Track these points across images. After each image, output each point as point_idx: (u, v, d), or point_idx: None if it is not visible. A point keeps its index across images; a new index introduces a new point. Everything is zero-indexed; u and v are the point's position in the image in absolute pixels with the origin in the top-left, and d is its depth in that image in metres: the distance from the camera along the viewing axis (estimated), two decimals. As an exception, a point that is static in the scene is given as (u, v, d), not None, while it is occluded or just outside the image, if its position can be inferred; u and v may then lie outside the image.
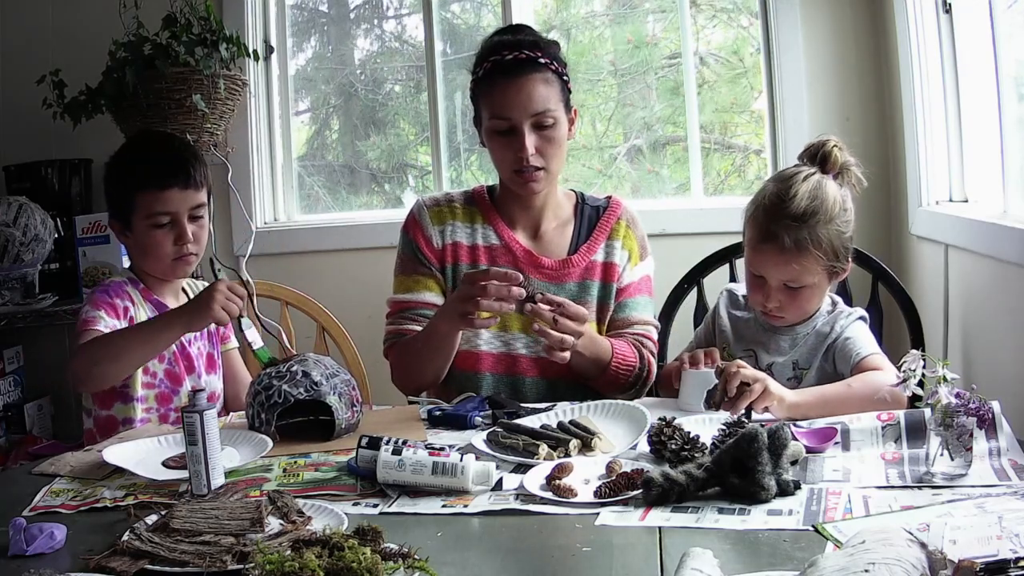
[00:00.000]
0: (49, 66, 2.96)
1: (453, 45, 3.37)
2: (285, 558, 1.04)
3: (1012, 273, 1.88)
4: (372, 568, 1.04)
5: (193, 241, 2.02)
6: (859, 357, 1.79)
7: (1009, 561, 0.98)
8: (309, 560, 1.03)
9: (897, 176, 2.73)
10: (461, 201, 2.16)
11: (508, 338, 2.07)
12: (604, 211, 2.17)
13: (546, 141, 2.00)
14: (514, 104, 1.98)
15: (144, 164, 2.02)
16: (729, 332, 1.97)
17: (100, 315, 1.95)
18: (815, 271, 1.80)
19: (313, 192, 3.50)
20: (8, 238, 2.90)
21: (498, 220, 2.13)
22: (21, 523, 1.27)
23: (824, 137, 1.87)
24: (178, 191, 1.99)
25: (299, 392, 1.72)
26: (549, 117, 1.99)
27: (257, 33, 3.27)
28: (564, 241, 2.14)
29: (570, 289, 2.08)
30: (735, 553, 1.15)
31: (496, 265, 2.07)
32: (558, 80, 2.03)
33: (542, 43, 2.05)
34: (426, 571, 1.09)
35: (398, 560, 1.09)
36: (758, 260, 1.84)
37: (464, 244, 2.11)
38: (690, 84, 3.12)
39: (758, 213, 1.83)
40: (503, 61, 2.01)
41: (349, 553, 1.05)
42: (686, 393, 1.82)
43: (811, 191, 1.78)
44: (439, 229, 2.12)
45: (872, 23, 2.87)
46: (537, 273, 2.08)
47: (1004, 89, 2.07)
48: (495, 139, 2.03)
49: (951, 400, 1.38)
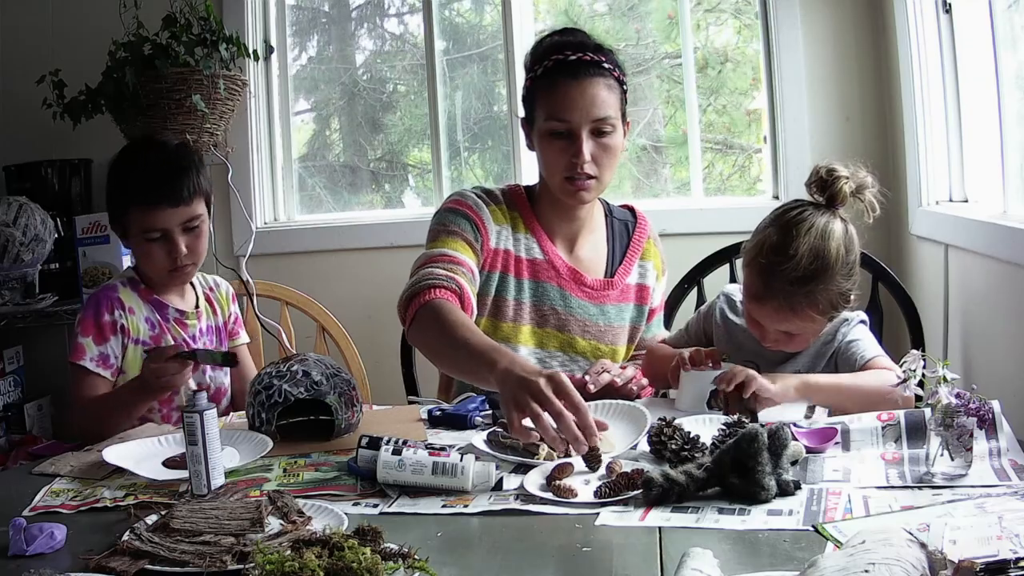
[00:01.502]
0: (49, 66, 2.96)
1: (454, 44, 3.37)
2: (285, 558, 1.04)
3: (1012, 273, 1.88)
4: (372, 568, 1.03)
5: (188, 253, 2.00)
6: (864, 360, 1.78)
7: (1009, 561, 0.98)
8: (309, 560, 1.02)
9: (897, 176, 2.73)
10: (505, 203, 2.05)
11: (543, 355, 2.03)
12: (634, 228, 2.13)
13: (602, 150, 1.92)
14: (576, 107, 1.89)
15: (135, 179, 1.99)
16: (728, 341, 1.94)
17: (88, 343, 1.97)
18: (811, 325, 1.77)
19: (313, 192, 3.50)
20: (8, 238, 2.90)
21: (539, 230, 2.04)
22: (21, 523, 1.27)
23: (834, 168, 1.76)
24: (168, 208, 1.96)
25: (299, 391, 1.72)
26: (608, 125, 1.91)
27: (257, 33, 3.27)
28: (599, 257, 2.09)
29: (608, 311, 2.06)
30: (735, 553, 1.15)
31: (538, 280, 2.01)
32: (619, 87, 1.95)
33: (605, 47, 1.97)
34: (426, 571, 1.09)
35: (398, 560, 1.09)
36: (754, 311, 1.80)
37: (512, 254, 2.01)
38: (690, 84, 3.12)
39: (757, 264, 1.76)
40: (567, 61, 1.92)
41: (349, 553, 1.04)
42: (686, 393, 1.81)
43: (812, 248, 1.70)
44: (497, 230, 2.01)
45: (872, 23, 2.87)
46: (580, 292, 2.03)
47: (1004, 89, 2.06)
48: (549, 142, 1.94)
49: (951, 400, 1.38)
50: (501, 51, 3.25)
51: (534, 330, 2.02)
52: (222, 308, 2.20)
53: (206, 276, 2.22)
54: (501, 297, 2.00)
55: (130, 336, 2.01)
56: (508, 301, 2.00)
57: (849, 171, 1.76)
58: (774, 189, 3.04)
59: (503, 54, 3.22)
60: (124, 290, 2.04)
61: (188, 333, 2.08)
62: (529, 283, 2.02)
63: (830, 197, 1.75)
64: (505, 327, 2.00)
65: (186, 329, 2.09)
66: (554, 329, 2.03)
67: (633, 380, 1.91)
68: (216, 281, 2.24)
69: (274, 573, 1.02)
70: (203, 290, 2.18)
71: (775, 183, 3.03)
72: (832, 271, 1.71)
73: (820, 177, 1.76)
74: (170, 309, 2.07)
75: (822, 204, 1.76)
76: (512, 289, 2.00)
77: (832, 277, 1.71)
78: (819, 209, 1.75)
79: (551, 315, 2.03)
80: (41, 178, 3.15)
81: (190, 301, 2.13)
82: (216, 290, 2.21)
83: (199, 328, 2.11)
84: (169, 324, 2.06)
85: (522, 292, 2.01)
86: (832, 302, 1.74)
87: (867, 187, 1.76)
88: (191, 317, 2.10)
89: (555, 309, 2.03)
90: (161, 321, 2.05)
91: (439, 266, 1.88)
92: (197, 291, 2.16)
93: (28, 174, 3.15)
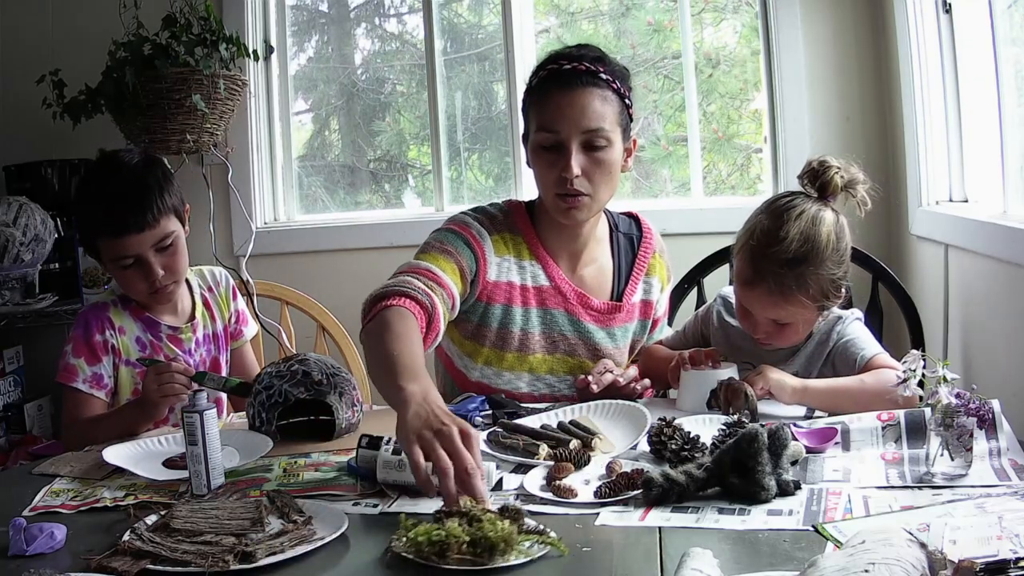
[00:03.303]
0: (49, 66, 2.96)
1: (454, 44, 3.37)
2: (431, 528, 1.15)
3: (1012, 273, 1.88)
4: (508, 538, 1.14)
5: (166, 273, 1.93)
6: (865, 359, 1.78)
7: (1009, 561, 0.98)
8: (452, 528, 1.15)
9: (897, 176, 2.73)
10: (507, 228, 1.96)
11: (553, 380, 2.00)
12: (639, 243, 2.08)
13: (594, 164, 1.83)
14: (564, 116, 1.81)
15: (98, 211, 1.90)
16: (725, 344, 1.93)
17: (80, 364, 1.93)
18: (802, 312, 1.77)
19: (313, 192, 3.50)
20: (8, 238, 2.90)
21: (543, 253, 1.97)
22: (21, 523, 1.27)
23: (826, 160, 1.78)
24: (135, 235, 1.88)
25: (300, 392, 1.72)
26: (602, 138, 1.82)
27: (257, 33, 3.27)
28: (604, 278, 2.03)
29: (615, 334, 2.03)
30: (735, 553, 1.15)
31: (546, 308, 1.97)
32: (618, 101, 1.86)
33: (608, 60, 1.88)
34: (556, 546, 1.17)
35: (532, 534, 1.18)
36: (745, 297, 1.79)
37: (517, 284, 1.95)
38: (690, 83, 3.12)
39: (747, 249, 1.76)
40: (560, 70, 1.84)
41: (487, 524, 1.15)
42: (686, 393, 1.81)
43: (803, 233, 1.71)
44: (498, 261, 1.93)
45: (872, 23, 2.88)
46: (588, 316, 1.99)
47: (1004, 89, 2.06)
48: (540, 155, 1.86)
49: (951, 400, 1.38)
50: (500, 51, 3.25)
51: (544, 358, 1.99)
52: (222, 311, 2.15)
53: (205, 274, 2.17)
54: (506, 329, 1.95)
55: (121, 357, 1.98)
56: (514, 332, 1.95)
57: (841, 164, 1.78)
58: (774, 189, 3.03)
59: (503, 54, 3.23)
60: (115, 309, 2.00)
61: (183, 348, 2.04)
62: (537, 311, 1.97)
63: (821, 187, 1.77)
64: (510, 356, 1.96)
65: (180, 345, 2.04)
66: (564, 355, 1.99)
67: (635, 380, 1.91)
68: (216, 277, 2.17)
69: (420, 542, 1.14)
70: (201, 292, 2.13)
71: (775, 183, 3.03)
72: (822, 255, 1.72)
73: (812, 168, 1.78)
74: (162, 326, 2.03)
75: (813, 195, 1.78)
76: (519, 320, 1.95)
77: (822, 262, 1.72)
78: (810, 199, 1.77)
79: (561, 341, 1.99)
80: (41, 178, 3.15)
81: (184, 314, 2.08)
82: (216, 289, 2.16)
83: (195, 340, 2.07)
84: (162, 343, 2.02)
85: (529, 322, 1.96)
86: (823, 289, 1.74)
87: (859, 182, 1.78)
88: (185, 331, 2.05)
89: (565, 335, 1.99)
90: (153, 340, 2.01)
91: (421, 279, 1.78)
92: (194, 296, 2.11)
93: (28, 174, 3.15)
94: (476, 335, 1.96)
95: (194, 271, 2.14)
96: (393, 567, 1.16)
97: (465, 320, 1.95)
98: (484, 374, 1.98)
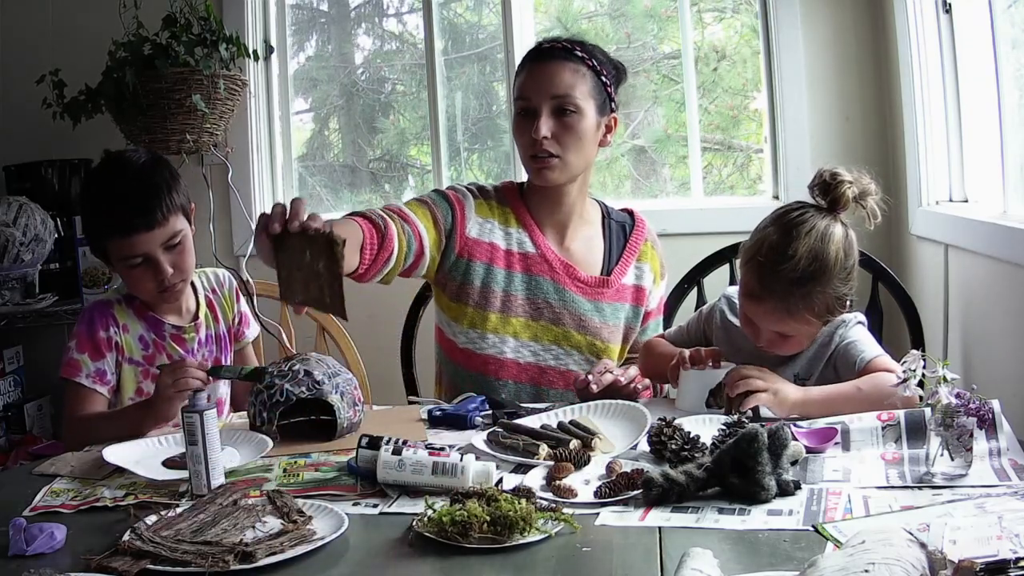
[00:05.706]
0: (49, 66, 2.96)
1: (454, 44, 3.37)
2: (453, 509, 1.22)
3: (1012, 273, 1.88)
4: (526, 516, 1.21)
5: (175, 271, 1.94)
6: (864, 361, 1.77)
7: (1009, 561, 0.98)
8: (472, 508, 1.21)
9: (897, 176, 2.73)
10: (496, 199, 2.11)
11: (538, 348, 2.05)
12: (631, 230, 2.15)
13: (564, 128, 1.96)
14: (536, 83, 1.97)
15: (106, 210, 1.91)
16: (727, 344, 1.92)
17: (84, 360, 1.93)
18: (806, 327, 1.76)
19: (313, 192, 3.50)
20: (8, 238, 2.90)
21: (530, 222, 2.08)
22: (21, 523, 1.27)
23: (838, 172, 1.74)
24: (144, 233, 1.89)
25: (301, 391, 1.72)
26: (571, 104, 1.96)
27: (257, 33, 3.27)
28: (594, 256, 2.11)
29: (603, 308, 2.07)
30: (735, 553, 1.15)
31: (531, 274, 2.05)
32: (593, 76, 1.99)
33: (588, 45, 2.03)
34: (569, 522, 1.24)
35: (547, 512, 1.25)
36: (749, 309, 1.78)
37: (500, 247, 2.06)
38: (690, 83, 3.12)
39: (755, 263, 1.74)
40: (539, 49, 2.03)
41: (504, 503, 1.22)
42: (686, 393, 1.81)
43: (812, 250, 1.68)
44: (480, 221, 2.06)
45: (872, 23, 2.87)
46: (574, 286, 2.05)
47: (1004, 89, 2.06)
48: (517, 123, 2.02)
49: (951, 400, 1.38)
50: (500, 51, 3.25)
51: (528, 323, 2.05)
52: (225, 313, 2.15)
53: (209, 275, 2.17)
54: (488, 288, 2.03)
55: (124, 355, 1.98)
56: (496, 292, 2.03)
57: (853, 176, 1.74)
58: (774, 189, 3.04)
59: (502, 54, 3.22)
60: (119, 307, 2.00)
61: (186, 348, 2.04)
62: (521, 276, 2.04)
63: (832, 201, 1.73)
64: (493, 317, 2.03)
65: (183, 344, 2.04)
66: (548, 323, 2.05)
67: (635, 380, 1.91)
68: (220, 279, 2.18)
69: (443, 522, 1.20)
70: (206, 294, 2.13)
71: (775, 183, 3.03)
72: (830, 274, 1.70)
73: (823, 180, 1.74)
74: (166, 326, 2.02)
75: (823, 207, 1.74)
76: (501, 280, 2.03)
77: (830, 280, 1.70)
78: (820, 212, 1.74)
79: (545, 308, 2.05)
80: (41, 178, 3.15)
81: (188, 314, 2.08)
82: (220, 291, 2.16)
83: (198, 340, 2.07)
84: (165, 342, 2.02)
85: (512, 284, 2.04)
86: (828, 306, 1.73)
87: (870, 194, 1.74)
88: (189, 331, 2.05)
89: (549, 303, 2.05)
90: (156, 339, 2.01)
91: (384, 210, 1.91)
92: (199, 296, 2.11)
93: (28, 174, 3.15)
94: (460, 294, 2.04)
95: (198, 272, 2.14)
96: (416, 546, 1.23)
97: (449, 279, 2.06)
98: (470, 338, 2.04)
